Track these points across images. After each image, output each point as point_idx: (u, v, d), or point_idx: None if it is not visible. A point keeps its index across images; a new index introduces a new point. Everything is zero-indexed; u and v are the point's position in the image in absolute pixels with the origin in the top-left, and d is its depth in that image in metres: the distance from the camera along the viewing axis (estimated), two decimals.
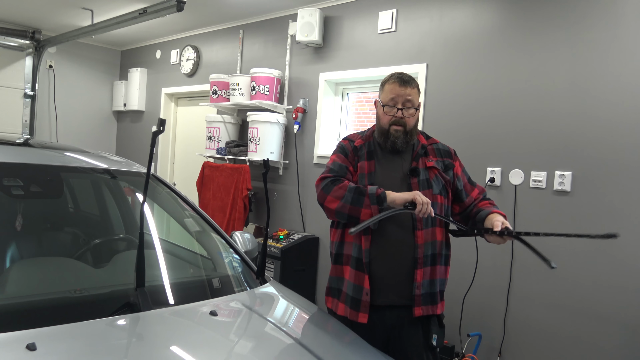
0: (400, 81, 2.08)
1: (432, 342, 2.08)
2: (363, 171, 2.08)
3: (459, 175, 2.16)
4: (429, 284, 2.04)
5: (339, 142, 2.21)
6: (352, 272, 2.04)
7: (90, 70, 6.53)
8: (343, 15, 4.10)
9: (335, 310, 2.11)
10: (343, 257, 2.08)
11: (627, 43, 2.72)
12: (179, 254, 2.23)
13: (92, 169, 2.27)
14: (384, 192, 1.94)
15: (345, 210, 1.98)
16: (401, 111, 2.05)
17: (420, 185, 2.04)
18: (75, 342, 1.40)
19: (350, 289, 2.04)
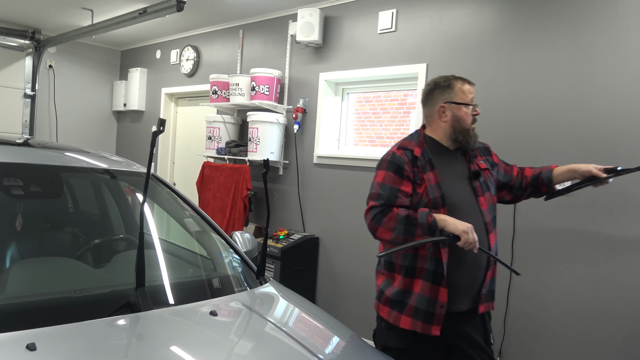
0: (467, 80, 2.12)
1: (491, 340, 2.12)
2: (430, 182, 2.01)
3: (498, 162, 2.22)
4: (490, 282, 2.09)
5: (390, 154, 2.08)
6: (425, 285, 1.97)
7: (90, 70, 6.53)
8: (343, 15, 4.10)
9: (395, 323, 2.03)
10: (416, 270, 2.00)
11: (628, 43, 2.72)
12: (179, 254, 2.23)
13: (92, 169, 2.27)
14: (435, 220, 1.90)
15: (399, 240, 1.95)
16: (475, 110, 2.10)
17: (482, 189, 2.07)
18: (75, 342, 1.40)
19: (422, 303, 1.97)
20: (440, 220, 1.91)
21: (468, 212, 2.00)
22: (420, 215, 1.92)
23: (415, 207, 1.99)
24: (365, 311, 3.87)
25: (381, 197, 1.99)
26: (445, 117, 2.09)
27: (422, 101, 2.20)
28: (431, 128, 2.14)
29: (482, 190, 2.06)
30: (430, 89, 2.16)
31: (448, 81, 2.12)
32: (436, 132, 2.12)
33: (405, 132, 3.87)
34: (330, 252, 4.14)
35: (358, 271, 3.94)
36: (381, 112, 4.04)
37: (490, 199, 2.08)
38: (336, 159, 4.11)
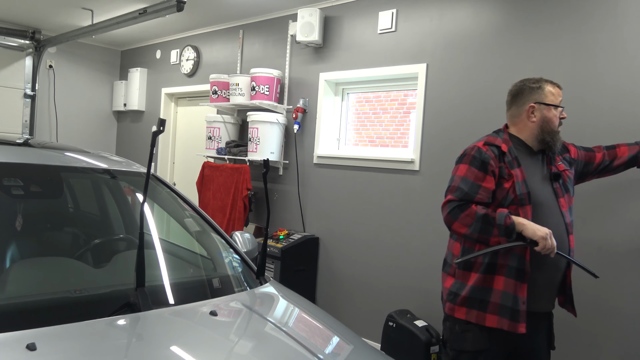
0: (557, 84, 2.14)
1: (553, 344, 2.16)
2: (518, 179, 2.00)
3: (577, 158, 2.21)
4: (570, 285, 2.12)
5: (475, 149, 2.06)
6: (508, 282, 1.96)
7: (90, 70, 6.53)
8: (343, 15, 4.10)
9: (478, 321, 2.01)
10: (497, 266, 1.98)
11: (628, 43, 2.72)
12: (179, 254, 2.23)
13: (92, 169, 2.27)
14: (513, 223, 1.90)
15: (474, 237, 1.97)
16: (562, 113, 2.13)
17: (562, 190, 2.08)
18: (75, 342, 1.40)
19: (507, 300, 1.96)
20: (519, 224, 1.90)
21: (551, 212, 2.02)
22: (499, 215, 1.92)
23: (501, 202, 1.99)
24: (365, 311, 3.87)
25: (460, 192, 2.00)
26: (533, 117, 2.10)
27: (509, 101, 2.21)
28: (517, 128, 2.15)
29: (562, 191, 2.08)
30: (520, 89, 2.16)
31: (538, 82, 2.13)
32: (522, 131, 2.13)
33: (405, 132, 3.87)
34: (330, 252, 4.14)
35: (358, 271, 3.94)
36: (381, 112, 4.04)
37: (569, 200, 2.09)
38: (336, 159, 4.11)
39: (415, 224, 3.59)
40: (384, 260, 3.77)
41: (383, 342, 3.44)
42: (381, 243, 3.80)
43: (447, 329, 2.14)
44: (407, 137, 3.85)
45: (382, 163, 3.80)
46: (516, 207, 1.96)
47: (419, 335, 3.22)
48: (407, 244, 3.63)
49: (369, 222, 3.88)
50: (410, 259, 3.61)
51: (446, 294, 2.12)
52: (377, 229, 3.82)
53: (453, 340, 2.11)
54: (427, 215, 3.52)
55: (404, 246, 3.65)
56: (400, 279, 3.66)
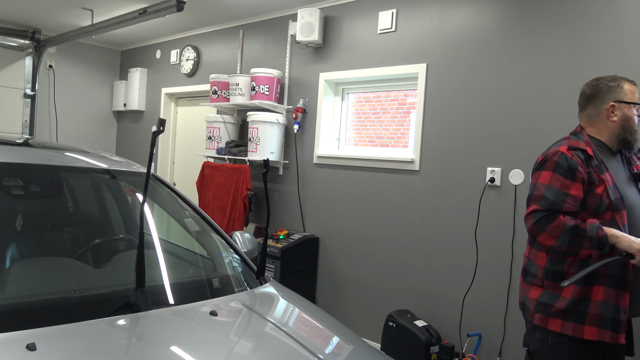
0: (633, 81, 2.05)
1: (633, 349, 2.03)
2: (609, 183, 1.91)
3: None
4: None
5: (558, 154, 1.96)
6: (610, 291, 1.87)
7: (90, 70, 6.53)
8: (343, 15, 4.10)
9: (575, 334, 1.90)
10: (596, 276, 1.87)
11: (628, 43, 2.72)
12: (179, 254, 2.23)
13: (92, 169, 2.27)
14: (606, 235, 1.81)
15: (562, 249, 1.88)
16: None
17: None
18: (75, 342, 1.40)
19: (608, 310, 1.86)
20: (612, 237, 1.82)
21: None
22: (590, 227, 1.83)
23: (595, 210, 1.89)
24: (365, 311, 3.88)
25: (546, 201, 1.89)
26: (614, 116, 2.00)
27: (584, 101, 2.11)
28: (595, 128, 2.05)
29: None
30: (596, 88, 2.06)
31: (616, 81, 2.03)
32: (602, 132, 2.03)
33: (405, 132, 3.88)
34: (330, 252, 4.14)
35: (358, 271, 3.94)
36: (381, 112, 4.04)
37: None
38: (336, 159, 4.11)
39: (416, 224, 3.59)
40: (384, 260, 3.77)
41: (383, 342, 3.44)
42: (381, 243, 3.80)
43: (536, 341, 2.01)
44: (407, 137, 3.85)
45: (382, 163, 3.80)
46: (612, 212, 1.87)
47: (419, 335, 3.22)
48: (407, 244, 3.63)
49: (369, 222, 3.88)
50: (411, 259, 3.61)
51: (534, 305, 2.00)
52: (377, 229, 3.82)
53: (545, 352, 1.99)
54: (427, 215, 3.52)
55: (404, 246, 3.65)
56: (400, 279, 3.67)
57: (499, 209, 3.16)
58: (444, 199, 3.44)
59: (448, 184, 3.42)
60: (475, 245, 3.23)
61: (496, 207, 3.17)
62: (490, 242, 3.19)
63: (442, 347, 3.25)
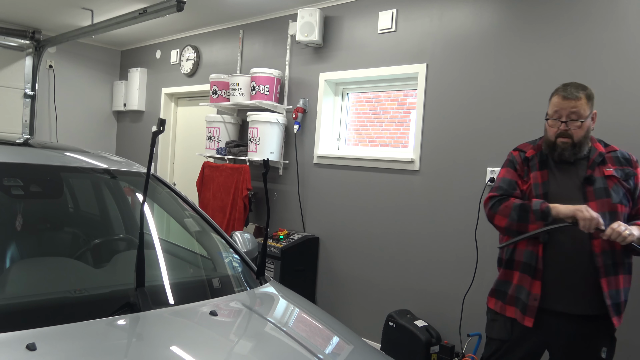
0: (563, 95, 2.09)
1: (601, 355, 2.06)
2: (536, 180, 2.11)
3: (638, 184, 2.10)
4: (615, 294, 2.01)
5: (509, 154, 2.25)
6: (521, 277, 2.08)
7: (90, 70, 6.53)
8: (343, 15, 4.10)
9: (500, 311, 2.16)
10: (514, 262, 2.12)
11: (628, 43, 2.72)
12: (179, 254, 2.23)
13: (92, 169, 2.27)
14: (548, 207, 1.99)
15: (514, 227, 2.06)
16: (565, 124, 2.07)
17: (595, 194, 2.02)
18: (75, 342, 1.40)
19: (520, 293, 2.09)
20: (554, 207, 1.99)
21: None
22: (535, 203, 2.03)
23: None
24: (365, 311, 3.87)
25: (500, 189, 2.16)
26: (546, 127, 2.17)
27: None
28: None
29: (594, 195, 2.03)
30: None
31: (554, 91, 2.15)
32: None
33: (405, 132, 3.88)
34: (330, 252, 4.14)
35: (358, 271, 3.94)
36: (381, 112, 4.04)
37: (607, 206, 2.00)
38: (336, 159, 4.11)
39: (416, 223, 3.59)
40: (384, 260, 3.77)
41: (383, 342, 3.44)
42: (381, 243, 3.80)
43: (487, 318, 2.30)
44: (407, 137, 3.85)
45: (382, 163, 3.80)
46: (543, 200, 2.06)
47: (419, 335, 3.22)
48: (407, 244, 3.63)
49: (369, 222, 3.88)
50: (411, 259, 3.61)
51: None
52: (377, 229, 3.82)
53: (487, 328, 2.27)
54: (427, 215, 3.52)
55: (404, 246, 3.65)
56: (400, 279, 3.67)
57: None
58: (444, 199, 3.44)
59: (448, 184, 3.42)
60: (475, 245, 3.22)
61: None
62: (490, 242, 3.18)
63: (442, 347, 3.25)
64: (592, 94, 2.12)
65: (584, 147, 2.09)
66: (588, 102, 2.09)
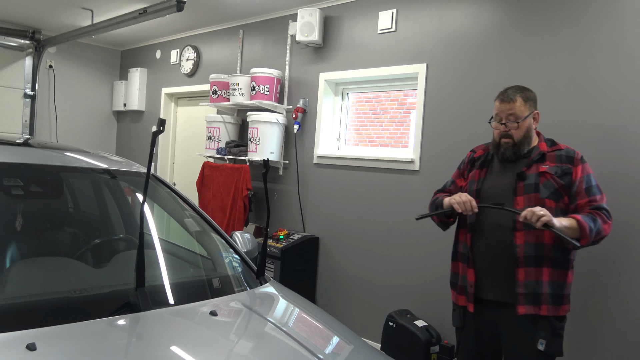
0: (501, 98, 2.24)
1: (537, 346, 2.12)
2: (473, 178, 2.32)
3: (576, 180, 2.15)
4: (534, 285, 2.10)
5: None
6: (462, 266, 2.29)
7: (90, 70, 6.53)
8: (343, 15, 4.10)
9: (455, 301, 2.34)
10: (457, 254, 2.34)
11: (628, 44, 2.72)
12: (179, 254, 2.23)
13: (92, 169, 2.27)
14: (441, 200, 2.31)
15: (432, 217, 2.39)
16: (505, 125, 2.21)
17: (525, 189, 2.15)
18: (75, 342, 1.40)
19: (463, 281, 2.28)
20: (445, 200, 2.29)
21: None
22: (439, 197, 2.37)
23: None
24: (365, 311, 3.88)
25: (444, 186, 2.48)
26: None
27: None
28: None
29: (523, 191, 2.15)
30: None
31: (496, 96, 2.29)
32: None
33: (405, 132, 3.88)
34: (330, 252, 4.14)
35: (358, 271, 3.94)
36: (381, 112, 4.04)
37: (534, 200, 2.11)
38: (336, 159, 4.11)
39: (415, 224, 3.58)
40: (384, 260, 3.77)
41: (383, 342, 3.44)
42: (381, 243, 3.80)
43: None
44: (407, 137, 3.85)
45: (382, 163, 3.80)
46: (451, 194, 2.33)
47: (419, 335, 3.22)
48: (407, 244, 3.63)
49: (369, 222, 3.88)
50: (411, 259, 3.61)
51: None
52: (377, 229, 3.82)
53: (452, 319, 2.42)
54: None
55: (404, 246, 3.65)
56: (400, 279, 3.67)
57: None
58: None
59: None
60: None
61: None
62: None
63: (442, 347, 3.25)
64: (530, 96, 2.23)
65: (524, 146, 2.21)
66: (525, 104, 2.20)
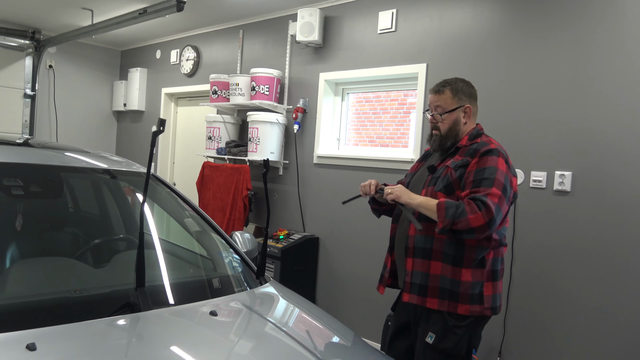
0: (431, 90, 2.27)
1: (426, 339, 2.12)
2: (410, 171, 2.43)
3: (467, 172, 2.12)
4: (420, 276, 2.13)
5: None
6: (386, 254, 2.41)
7: (90, 70, 6.53)
8: (343, 15, 4.10)
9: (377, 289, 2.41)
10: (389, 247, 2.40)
11: (628, 43, 2.72)
12: (179, 254, 2.23)
13: (92, 169, 2.27)
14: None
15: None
16: (432, 117, 2.25)
17: (430, 182, 2.20)
18: (75, 342, 1.40)
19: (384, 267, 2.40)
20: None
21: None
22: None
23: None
24: (365, 311, 3.87)
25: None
26: None
27: None
28: None
29: (428, 183, 2.20)
30: None
31: None
32: None
33: (405, 132, 3.87)
34: (330, 252, 4.14)
35: (358, 271, 3.94)
36: (381, 112, 4.04)
37: (430, 193, 2.15)
38: (336, 159, 4.11)
39: None
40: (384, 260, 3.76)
41: (383, 342, 3.44)
42: (381, 243, 3.79)
43: None
44: (407, 137, 3.85)
45: (382, 163, 3.79)
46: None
47: None
48: None
49: (368, 222, 3.87)
50: None
51: None
52: (377, 228, 3.82)
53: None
54: None
55: None
56: None
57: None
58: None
59: None
60: None
61: None
62: None
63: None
64: (462, 88, 2.21)
65: (449, 139, 2.21)
66: (454, 97, 2.20)
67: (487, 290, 2.10)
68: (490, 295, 2.11)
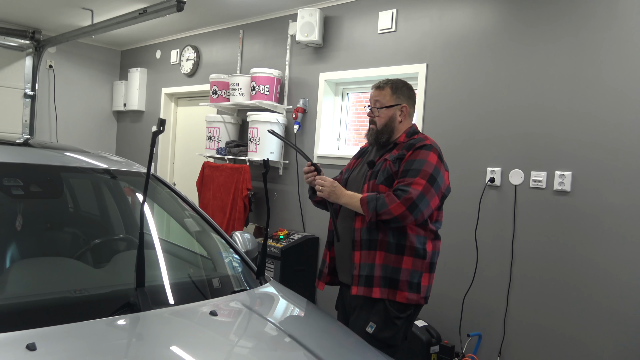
0: (374, 86, 2.34)
1: (366, 328, 2.17)
2: (348, 167, 2.45)
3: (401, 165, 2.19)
4: (368, 267, 2.16)
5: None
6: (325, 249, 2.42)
7: (90, 70, 6.53)
8: (343, 15, 4.10)
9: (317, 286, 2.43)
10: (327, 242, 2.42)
11: (628, 43, 2.72)
12: (179, 254, 2.23)
13: (92, 169, 2.27)
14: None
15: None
16: (371, 111, 2.32)
17: (370, 176, 2.25)
18: (75, 342, 1.40)
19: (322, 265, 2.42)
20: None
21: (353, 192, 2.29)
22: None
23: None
24: None
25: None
26: None
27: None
28: None
29: (369, 178, 2.25)
30: None
31: None
32: None
33: None
34: None
35: None
36: None
37: (372, 186, 2.21)
38: (336, 159, 4.11)
39: None
40: None
41: None
42: None
43: None
44: None
45: None
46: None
47: (419, 335, 3.22)
48: None
49: None
50: None
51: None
52: None
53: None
54: None
55: None
56: None
57: (499, 209, 3.16)
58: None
59: None
60: (475, 245, 3.22)
61: (496, 207, 3.17)
62: (490, 242, 3.19)
63: (442, 347, 3.25)
64: (401, 89, 2.28)
65: (384, 135, 2.27)
66: (393, 95, 2.27)
67: (424, 280, 2.19)
68: (427, 285, 2.21)
